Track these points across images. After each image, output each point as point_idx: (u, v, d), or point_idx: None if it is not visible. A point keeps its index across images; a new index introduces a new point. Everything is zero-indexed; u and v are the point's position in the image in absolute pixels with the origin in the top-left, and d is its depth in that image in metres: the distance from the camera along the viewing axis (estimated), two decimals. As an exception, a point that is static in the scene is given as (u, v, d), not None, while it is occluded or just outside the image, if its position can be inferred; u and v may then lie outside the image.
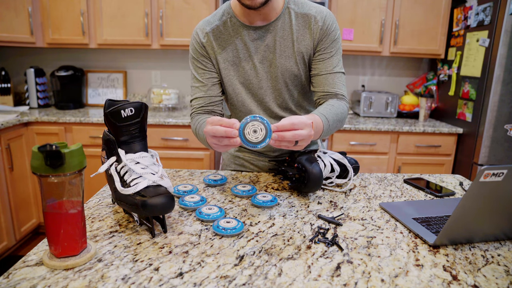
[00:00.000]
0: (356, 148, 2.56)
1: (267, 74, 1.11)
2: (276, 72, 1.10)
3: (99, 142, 2.52)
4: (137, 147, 0.80)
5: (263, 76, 1.11)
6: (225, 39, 1.09)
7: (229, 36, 1.09)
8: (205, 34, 1.10)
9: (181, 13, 2.63)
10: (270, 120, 1.16)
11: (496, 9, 2.20)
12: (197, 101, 1.14)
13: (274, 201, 0.94)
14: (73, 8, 2.61)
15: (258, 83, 1.12)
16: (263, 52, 1.09)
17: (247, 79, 1.12)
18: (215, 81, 1.13)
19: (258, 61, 1.10)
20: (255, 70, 1.10)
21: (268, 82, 1.12)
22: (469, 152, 2.44)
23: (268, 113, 1.16)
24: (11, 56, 3.00)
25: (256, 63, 1.10)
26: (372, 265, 0.67)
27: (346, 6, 2.63)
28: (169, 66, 3.05)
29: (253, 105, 1.15)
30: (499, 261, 0.70)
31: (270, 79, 1.11)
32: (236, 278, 0.62)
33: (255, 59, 1.10)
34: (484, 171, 0.65)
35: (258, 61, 1.10)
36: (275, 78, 1.11)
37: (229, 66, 1.11)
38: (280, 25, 1.08)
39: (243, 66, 1.10)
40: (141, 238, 0.75)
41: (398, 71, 3.10)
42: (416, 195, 1.06)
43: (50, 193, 0.63)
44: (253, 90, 1.13)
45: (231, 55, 1.10)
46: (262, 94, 1.13)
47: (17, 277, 0.61)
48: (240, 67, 1.11)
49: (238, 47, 1.09)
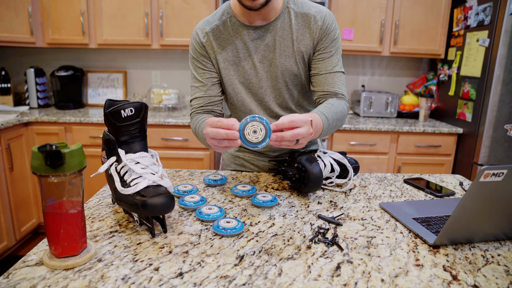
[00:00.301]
0: (356, 148, 2.56)
1: (267, 73, 1.11)
2: (276, 71, 1.10)
3: (99, 142, 2.52)
4: (137, 147, 0.80)
5: (263, 75, 1.11)
6: (224, 39, 1.10)
7: (229, 36, 1.09)
8: (205, 34, 1.10)
9: (181, 13, 2.63)
10: (269, 120, 1.16)
11: (496, 9, 2.20)
12: (197, 100, 1.14)
13: (274, 201, 0.94)
14: (73, 8, 2.61)
15: (258, 83, 1.12)
16: (263, 51, 1.09)
17: (247, 78, 1.12)
18: (214, 81, 1.14)
19: (258, 61, 1.10)
20: (255, 70, 1.11)
21: (268, 81, 1.12)
22: (469, 152, 2.44)
23: (268, 112, 1.16)
24: (11, 56, 3.01)
25: (256, 62, 1.10)
26: (372, 265, 0.67)
27: (346, 6, 2.63)
28: (169, 66, 3.05)
29: (253, 105, 1.15)
30: (499, 261, 0.70)
31: (270, 78, 1.12)
32: (236, 278, 0.62)
33: (255, 58, 1.10)
34: (484, 171, 0.65)
35: (258, 60, 1.10)
36: (275, 78, 1.11)
37: (229, 66, 1.11)
38: (280, 25, 1.08)
39: (243, 65, 1.10)
40: (141, 238, 0.75)
41: (398, 71, 3.10)
42: (416, 195, 1.06)
43: (50, 193, 0.63)
44: (253, 90, 1.13)
45: (231, 55, 1.10)
46: (262, 94, 1.13)
47: (17, 277, 0.61)
48: (240, 67, 1.11)
49: (238, 47, 1.09)
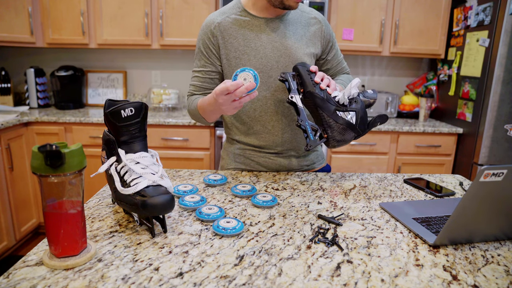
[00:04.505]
0: (356, 148, 2.56)
1: (278, 63, 1.15)
2: (287, 61, 1.15)
3: (99, 142, 2.52)
4: (137, 147, 0.80)
5: (273, 65, 1.15)
6: (236, 29, 1.14)
7: (240, 27, 1.14)
8: (216, 25, 1.15)
9: (181, 13, 2.63)
10: (278, 106, 1.20)
11: (496, 9, 2.20)
12: (193, 87, 1.22)
13: (274, 201, 0.94)
14: (73, 8, 2.61)
15: (268, 72, 1.16)
16: (274, 42, 1.14)
17: (258, 67, 1.15)
18: (213, 75, 1.20)
19: (270, 50, 1.14)
20: (266, 59, 1.14)
21: (279, 70, 1.16)
22: (469, 152, 2.44)
23: (277, 102, 1.20)
24: (11, 56, 3.00)
25: (268, 52, 1.14)
26: (372, 265, 0.67)
27: (346, 6, 2.63)
28: (169, 66, 3.05)
29: (262, 94, 1.18)
30: (499, 261, 0.70)
31: (281, 68, 1.16)
32: (236, 278, 0.62)
33: (267, 47, 1.14)
34: (484, 171, 0.65)
35: (269, 50, 1.14)
36: (285, 67, 1.16)
37: (240, 55, 1.15)
38: (289, 19, 1.16)
39: (254, 55, 1.14)
40: (141, 238, 0.75)
41: (398, 71, 3.10)
42: (416, 195, 1.06)
43: (50, 193, 0.63)
44: (264, 78, 1.17)
45: (242, 44, 1.14)
46: (272, 82, 1.17)
47: (17, 277, 0.61)
48: (251, 56, 1.14)
49: (249, 37, 1.14)
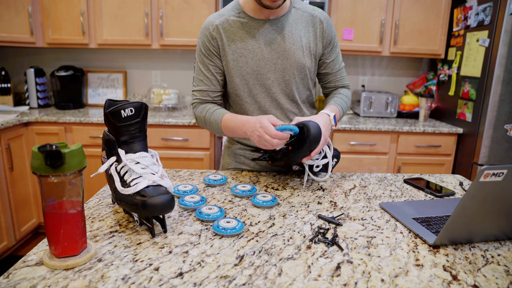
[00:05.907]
0: (356, 148, 2.56)
1: (275, 65, 1.15)
2: (284, 63, 1.15)
3: (99, 142, 2.52)
4: (137, 147, 0.80)
5: (271, 67, 1.15)
6: (234, 31, 1.13)
7: (238, 29, 1.13)
8: (215, 27, 1.14)
9: (181, 13, 2.63)
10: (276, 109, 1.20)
11: (496, 9, 2.20)
12: (201, 93, 1.19)
13: (274, 201, 0.94)
14: (73, 8, 2.61)
15: (266, 74, 1.15)
16: (272, 44, 1.13)
17: (255, 69, 1.15)
18: (219, 77, 1.18)
19: (267, 53, 1.14)
20: (263, 61, 1.14)
21: (277, 73, 1.16)
22: (469, 152, 2.44)
23: (275, 103, 1.19)
24: (11, 56, 3.00)
25: (265, 54, 1.14)
26: (372, 265, 0.67)
27: (346, 6, 2.63)
28: (169, 66, 3.05)
29: (261, 96, 1.18)
30: (499, 261, 0.70)
31: (278, 70, 1.15)
32: (236, 278, 0.62)
33: (265, 50, 1.13)
34: (484, 171, 0.65)
35: (267, 52, 1.14)
36: (283, 70, 1.15)
37: (238, 58, 1.14)
38: (289, 20, 1.14)
39: (252, 57, 1.14)
40: (141, 238, 0.75)
41: (398, 71, 3.10)
42: (416, 195, 1.06)
43: (50, 193, 0.63)
44: (262, 80, 1.16)
45: (240, 46, 1.13)
46: (270, 85, 1.17)
47: (17, 277, 0.61)
48: (249, 59, 1.14)
49: (247, 39, 1.13)
